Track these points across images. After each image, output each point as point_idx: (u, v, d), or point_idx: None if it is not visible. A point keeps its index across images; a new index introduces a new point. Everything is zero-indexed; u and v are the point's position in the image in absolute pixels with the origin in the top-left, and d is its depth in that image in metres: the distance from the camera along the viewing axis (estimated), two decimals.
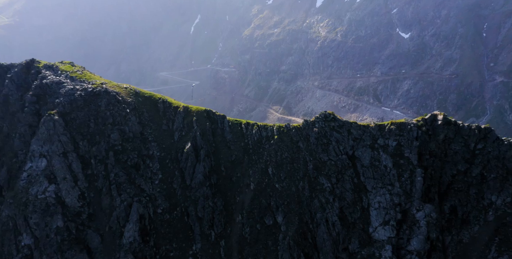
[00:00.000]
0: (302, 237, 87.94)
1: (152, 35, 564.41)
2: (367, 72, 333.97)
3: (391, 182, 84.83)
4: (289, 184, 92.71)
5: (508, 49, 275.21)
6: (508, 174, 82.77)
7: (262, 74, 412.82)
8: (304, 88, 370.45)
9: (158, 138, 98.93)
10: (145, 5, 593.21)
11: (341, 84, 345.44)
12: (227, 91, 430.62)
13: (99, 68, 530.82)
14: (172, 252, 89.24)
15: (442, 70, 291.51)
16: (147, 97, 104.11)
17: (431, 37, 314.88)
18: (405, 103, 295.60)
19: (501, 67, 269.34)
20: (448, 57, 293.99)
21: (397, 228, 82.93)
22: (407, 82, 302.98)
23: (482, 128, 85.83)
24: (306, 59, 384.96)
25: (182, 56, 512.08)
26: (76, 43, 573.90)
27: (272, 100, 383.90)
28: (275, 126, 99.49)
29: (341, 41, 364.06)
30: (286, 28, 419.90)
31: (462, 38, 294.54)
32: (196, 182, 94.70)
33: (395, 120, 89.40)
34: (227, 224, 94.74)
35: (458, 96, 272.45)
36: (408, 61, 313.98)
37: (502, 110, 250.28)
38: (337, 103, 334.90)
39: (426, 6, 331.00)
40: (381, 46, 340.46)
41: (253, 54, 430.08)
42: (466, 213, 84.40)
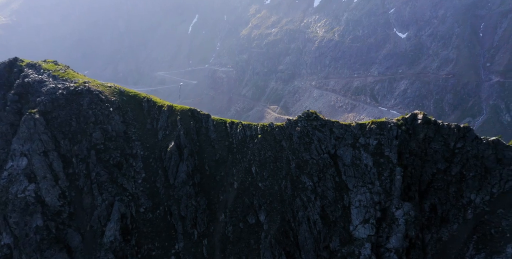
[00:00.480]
0: (283, 235, 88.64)
1: (149, 35, 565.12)
2: (364, 72, 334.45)
3: (371, 180, 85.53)
4: (272, 183, 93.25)
5: (504, 49, 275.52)
6: (486, 172, 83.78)
7: (260, 74, 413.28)
8: (302, 88, 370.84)
9: (142, 137, 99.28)
10: (143, 5, 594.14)
11: (338, 84, 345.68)
12: (225, 91, 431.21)
13: (97, 68, 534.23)
14: (154, 251, 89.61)
15: (438, 70, 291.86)
16: (132, 96, 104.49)
17: (428, 37, 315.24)
18: (402, 103, 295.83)
19: (497, 67, 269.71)
20: (444, 57, 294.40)
21: (377, 226, 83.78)
22: (404, 82, 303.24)
23: (461, 127, 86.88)
24: (303, 59, 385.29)
25: (180, 56, 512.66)
26: (73, 43, 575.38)
27: (270, 100, 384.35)
28: (259, 126, 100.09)
29: (338, 41, 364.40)
30: (284, 28, 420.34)
31: (459, 38, 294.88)
32: (179, 181, 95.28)
33: (376, 120, 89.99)
34: (210, 223, 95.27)
35: (455, 96, 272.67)
36: (405, 61, 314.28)
37: (498, 110, 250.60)
38: (334, 103, 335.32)
39: (423, 6, 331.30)
40: (378, 46, 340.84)
41: (250, 54, 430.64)
42: (445, 211, 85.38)
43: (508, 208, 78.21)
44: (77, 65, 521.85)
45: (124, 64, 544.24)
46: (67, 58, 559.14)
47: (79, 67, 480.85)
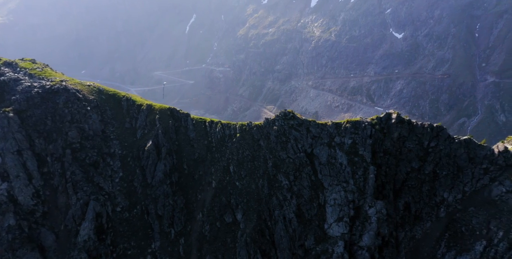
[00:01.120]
0: (259, 234, 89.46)
1: (147, 34, 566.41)
2: (361, 72, 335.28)
3: (346, 179, 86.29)
4: (249, 182, 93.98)
5: (499, 50, 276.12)
6: (458, 171, 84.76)
7: (257, 74, 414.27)
8: (298, 88, 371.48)
9: (121, 136, 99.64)
10: (141, 5, 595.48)
11: (334, 84, 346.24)
12: (222, 90, 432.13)
13: (94, 67, 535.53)
14: (130, 250, 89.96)
15: (434, 70, 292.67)
16: (111, 95, 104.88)
17: (424, 37, 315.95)
18: (398, 103, 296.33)
19: (493, 68, 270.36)
20: (440, 57, 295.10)
21: (351, 224, 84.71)
22: (400, 82, 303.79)
23: (434, 126, 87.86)
24: (300, 59, 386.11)
25: (177, 55, 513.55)
26: (70, 42, 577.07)
27: (266, 100, 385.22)
28: (237, 125, 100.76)
29: (335, 41, 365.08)
30: (281, 28, 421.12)
31: (455, 38, 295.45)
32: (157, 180, 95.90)
33: (351, 119, 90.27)
34: (187, 222, 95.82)
35: (450, 96, 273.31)
36: (401, 61, 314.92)
37: (493, 110, 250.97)
38: (331, 103, 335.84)
39: (420, 6, 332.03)
40: (375, 46, 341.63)
41: (247, 54, 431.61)
42: (419, 209, 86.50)
43: (479, 206, 78.84)
44: (74, 64, 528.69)
45: (121, 64, 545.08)
46: (64, 58, 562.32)
47: (76, 66, 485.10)
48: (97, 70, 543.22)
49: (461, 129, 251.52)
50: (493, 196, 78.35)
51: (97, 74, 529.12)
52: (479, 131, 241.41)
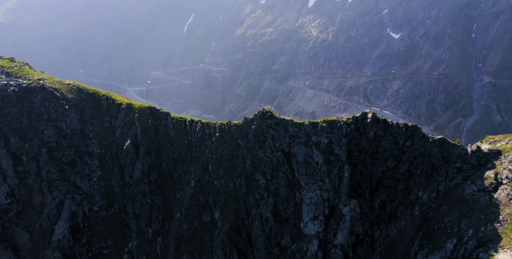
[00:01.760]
0: (236, 233, 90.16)
1: (145, 34, 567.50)
2: (358, 72, 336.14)
3: (321, 178, 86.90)
4: (227, 181, 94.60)
5: (496, 50, 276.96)
6: (433, 170, 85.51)
7: (254, 74, 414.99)
8: (295, 88, 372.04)
9: (100, 135, 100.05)
10: (139, 5, 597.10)
11: (331, 84, 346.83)
12: (219, 90, 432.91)
13: (92, 67, 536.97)
14: (106, 250, 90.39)
15: (431, 71, 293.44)
16: (91, 94, 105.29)
17: (421, 37, 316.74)
18: (395, 103, 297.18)
19: (489, 68, 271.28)
20: (437, 57, 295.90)
21: (325, 223, 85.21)
22: (396, 83, 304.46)
23: (409, 126, 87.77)
24: (297, 59, 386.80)
25: (175, 55, 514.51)
26: (68, 42, 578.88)
27: (264, 99, 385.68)
28: (217, 124, 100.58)
29: (332, 41, 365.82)
30: (278, 27, 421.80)
31: (451, 38, 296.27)
32: (135, 179, 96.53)
33: (328, 118, 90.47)
34: (165, 221, 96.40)
35: (446, 97, 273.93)
36: (398, 61, 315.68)
37: (489, 110, 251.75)
38: (328, 103, 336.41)
39: (417, 7, 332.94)
40: (372, 46, 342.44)
41: (245, 54, 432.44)
42: (394, 208, 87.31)
43: (452, 204, 79.46)
44: (72, 64, 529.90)
45: (119, 63, 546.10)
46: (62, 57, 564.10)
47: (73, 66, 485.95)
48: (94, 70, 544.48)
49: (457, 129, 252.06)
50: (465, 194, 78.95)
51: (94, 74, 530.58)
52: (475, 131, 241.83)
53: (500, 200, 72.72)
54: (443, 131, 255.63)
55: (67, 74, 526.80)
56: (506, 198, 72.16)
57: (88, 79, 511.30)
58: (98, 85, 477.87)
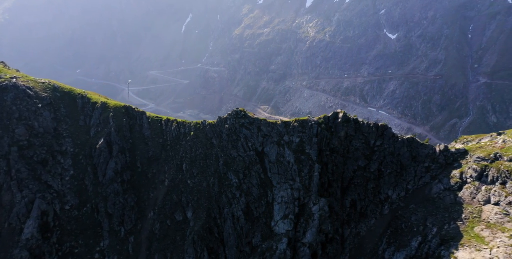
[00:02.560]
0: (208, 232, 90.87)
1: (142, 34, 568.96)
2: (354, 73, 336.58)
3: (292, 177, 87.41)
4: (200, 180, 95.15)
5: (492, 51, 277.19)
6: (402, 169, 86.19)
7: (251, 74, 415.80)
8: (292, 88, 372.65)
9: (74, 134, 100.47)
10: (136, 4, 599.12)
11: (328, 84, 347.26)
12: (216, 90, 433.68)
13: (89, 66, 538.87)
14: (77, 249, 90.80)
15: (427, 71, 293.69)
16: (66, 93, 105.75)
17: (417, 38, 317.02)
18: (391, 103, 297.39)
19: (485, 69, 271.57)
20: (433, 58, 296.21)
21: (295, 221, 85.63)
22: (392, 83, 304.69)
23: (379, 125, 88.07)
24: (294, 59, 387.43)
25: (173, 55, 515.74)
26: (66, 41, 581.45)
27: (261, 99, 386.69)
28: (192, 123, 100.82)
29: (329, 41, 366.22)
30: (276, 28, 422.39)
31: (448, 39, 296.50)
32: (107, 178, 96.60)
33: (299, 118, 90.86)
34: (138, 220, 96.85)
35: (442, 97, 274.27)
36: (394, 61, 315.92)
37: (484, 111, 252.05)
38: (324, 103, 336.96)
39: (413, 7, 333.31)
40: (369, 46, 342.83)
41: (242, 54, 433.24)
42: (364, 206, 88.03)
43: (419, 203, 79.99)
44: (70, 64, 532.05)
45: (117, 63, 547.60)
46: (60, 57, 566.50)
47: (71, 66, 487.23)
48: (92, 70, 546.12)
49: (452, 130, 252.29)
50: (432, 193, 79.51)
51: (92, 74, 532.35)
52: (470, 131, 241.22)
53: (464, 198, 73.33)
54: (438, 131, 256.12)
55: (64, 73, 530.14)
56: (469, 196, 72.74)
57: (85, 79, 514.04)
58: (95, 85, 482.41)
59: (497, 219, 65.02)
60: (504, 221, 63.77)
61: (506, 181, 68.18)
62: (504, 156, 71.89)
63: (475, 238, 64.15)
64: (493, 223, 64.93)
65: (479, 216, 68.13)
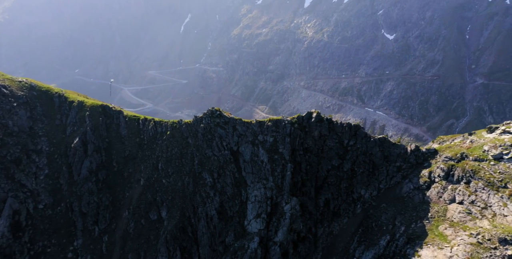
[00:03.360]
0: (181, 231, 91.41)
1: (141, 34, 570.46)
2: (352, 73, 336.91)
3: (266, 176, 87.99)
4: (175, 179, 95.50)
5: (489, 52, 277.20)
6: (374, 168, 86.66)
7: (249, 74, 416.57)
8: (290, 88, 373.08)
9: (50, 133, 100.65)
10: (136, 5, 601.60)
11: (326, 85, 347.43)
12: (215, 90, 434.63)
13: (88, 66, 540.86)
14: (50, 248, 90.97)
15: (424, 72, 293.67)
16: (43, 92, 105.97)
17: (415, 38, 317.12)
18: (388, 104, 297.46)
19: (482, 69, 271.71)
20: (431, 58, 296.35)
21: (268, 220, 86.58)
22: (390, 83, 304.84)
23: (352, 125, 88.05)
24: (292, 60, 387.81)
25: (171, 55, 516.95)
26: (65, 41, 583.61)
27: (259, 100, 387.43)
28: (169, 122, 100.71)
29: (327, 41, 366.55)
30: (274, 28, 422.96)
31: (445, 40, 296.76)
32: (81, 178, 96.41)
33: (273, 118, 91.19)
34: (113, 220, 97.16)
35: (439, 98, 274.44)
36: (392, 62, 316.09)
37: (481, 112, 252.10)
38: (322, 104, 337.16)
39: (411, 8, 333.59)
40: (366, 47, 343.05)
41: (241, 54, 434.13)
42: (337, 206, 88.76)
43: (390, 202, 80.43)
44: (68, 63, 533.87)
45: (115, 63, 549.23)
46: (59, 57, 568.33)
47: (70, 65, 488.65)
48: (91, 70, 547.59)
49: (449, 130, 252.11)
50: (402, 192, 79.87)
51: (90, 73, 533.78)
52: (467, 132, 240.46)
53: (431, 197, 73.58)
54: (435, 132, 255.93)
55: (63, 73, 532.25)
56: (436, 195, 73.02)
57: (84, 79, 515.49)
58: (93, 84, 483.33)
59: (460, 217, 65.25)
60: (467, 220, 64.03)
61: (470, 180, 68.34)
62: (470, 155, 72.03)
63: (439, 236, 64.49)
64: (456, 221, 65.15)
65: (444, 215, 68.42)
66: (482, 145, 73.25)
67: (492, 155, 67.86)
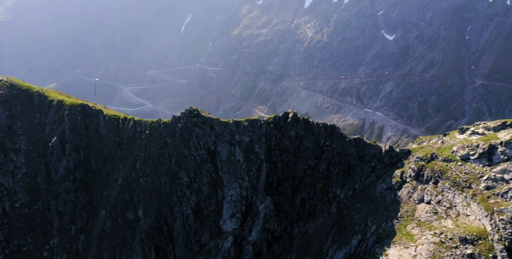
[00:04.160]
0: (157, 230, 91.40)
1: (142, 34, 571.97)
2: (351, 74, 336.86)
3: (241, 176, 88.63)
4: (153, 179, 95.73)
5: (489, 52, 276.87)
6: (349, 168, 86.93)
7: (249, 74, 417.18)
8: (290, 89, 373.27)
9: (29, 132, 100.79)
10: (137, 5, 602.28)
11: (325, 85, 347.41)
12: (214, 90, 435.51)
13: (89, 66, 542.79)
14: (25, 247, 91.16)
15: (424, 73, 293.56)
16: (24, 91, 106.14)
17: (414, 39, 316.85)
18: (387, 105, 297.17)
19: (482, 70, 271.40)
20: (430, 59, 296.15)
21: (242, 220, 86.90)
22: (389, 84, 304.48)
23: (328, 126, 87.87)
24: (292, 60, 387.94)
25: (172, 55, 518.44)
26: (66, 41, 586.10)
27: (258, 100, 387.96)
28: (148, 122, 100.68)
29: (327, 42, 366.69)
30: (274, 28, 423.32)
31: (445, 40, 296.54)
32: (59, 177, 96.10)
33: (250, 118, 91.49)
34: (90, 219, 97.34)
35: (438, 99, 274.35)
36: (392, 63, 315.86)
37: (480, 113, 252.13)
38: (321, 104, 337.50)
39: (411, 8, 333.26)
40: (366, 47, 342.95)
41: (241, 54, 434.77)
42: (312, 205, 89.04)
43: (364, 202, 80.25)
44: (69, 63, 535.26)
45: (116, 63, 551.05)
46: (60, 56, 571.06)
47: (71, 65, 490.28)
48: (91, 69, 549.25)
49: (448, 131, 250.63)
50: (376, 192, 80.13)
51: (91, 73, 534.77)
52: None
53: (402, 197, 73.72)
54: (434, 132, 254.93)
55: (64, 73, 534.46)
56: (406, 195, 73.20)
57: (84, 78, 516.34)
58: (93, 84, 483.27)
59: (427, 217, 65.47)
60: (433, 219, 64.26)
61: (438, 180, 68.44)
62: (439, 156, 72.20)
63: (406, 236, 64.73)
64: (423, 221, 65.37)
65: (413, 214, 68.70)
66: (451, 145, 73.41)
67: (460, 155, 67.96)
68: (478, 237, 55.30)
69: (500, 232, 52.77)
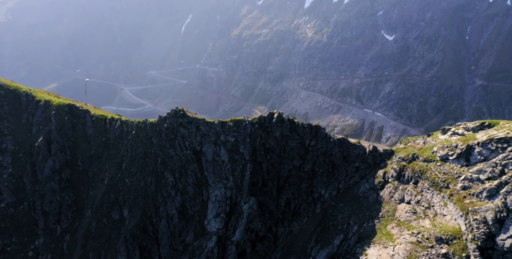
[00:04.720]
0: (141, 230, 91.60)
1: (143, 34, 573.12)
2: (351, 74, 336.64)
3: (226, 176, 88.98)
4: (138, 179, 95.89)
5: (489, 53, 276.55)
6: (334, 169, 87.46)
7: (249, 74, 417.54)
8: (289, 89, 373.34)
9: (15, 132, 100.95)
10: (137, 5, 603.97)
11: (325, 85, 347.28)
12: (214, 90, 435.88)
13: (89, 66, 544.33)
14: (10, 247, 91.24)
15: (423, 73, 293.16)
16: (11, 91, 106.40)
17: (414, 39, 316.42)
18: (387, 105, 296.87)
19: (482, 71, 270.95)
20: (430, 59, 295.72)
21: (226, 220, 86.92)
22: (389, 84, 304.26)
23: (313, 126, 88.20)
24: (292, 60, 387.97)
25: (172, 55, 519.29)
26: (67, 41, 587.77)
27: (258, 100, 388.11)
28: (135, 122, 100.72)
29: (326, 42, 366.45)
30: (274, 28, 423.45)
31: (445, 41, 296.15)
32: (44, 177, 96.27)
33: (235, 118, 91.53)
34: (75, 219, 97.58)
35: (438, 99, 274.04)
36: (391, 63, 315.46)
37: (480, 113, 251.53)
38: (321, 104, 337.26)
39: (411, 9, 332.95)
40: (366, 48, 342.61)
41: (240, 54, 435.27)
42: (297, 205, 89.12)
43: (347, 202, 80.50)
44: (70, 63, 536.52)
45: (116, 63, 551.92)
46: (61, 57, 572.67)
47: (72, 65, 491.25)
48: (92, 69, 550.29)
49: None
50: (359, 192, 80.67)
51: (91, 73, 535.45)
52: None
53: (384, 197, 74.04)
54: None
55: (65, 73, 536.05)
56: (388, 195, 73.50)
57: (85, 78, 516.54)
58: (94, 84, 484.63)
59: (406, 217, 65.75)
60: (412, 219, 64.53)
61: (418, 180, 68.81)
62: (420, 156, 72.64)
63: (386, 235, 64.99)
64: (403, 221, 65.60)
65: (393, 214, 69.01)
66: (432, 146, 73.83)
67: (439, 155, 68.37)
68: (453, 237, 55.48)
69: (474, 232, 52.93)
